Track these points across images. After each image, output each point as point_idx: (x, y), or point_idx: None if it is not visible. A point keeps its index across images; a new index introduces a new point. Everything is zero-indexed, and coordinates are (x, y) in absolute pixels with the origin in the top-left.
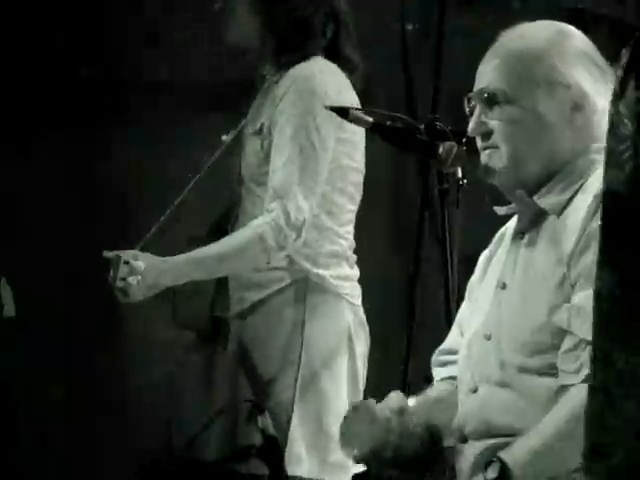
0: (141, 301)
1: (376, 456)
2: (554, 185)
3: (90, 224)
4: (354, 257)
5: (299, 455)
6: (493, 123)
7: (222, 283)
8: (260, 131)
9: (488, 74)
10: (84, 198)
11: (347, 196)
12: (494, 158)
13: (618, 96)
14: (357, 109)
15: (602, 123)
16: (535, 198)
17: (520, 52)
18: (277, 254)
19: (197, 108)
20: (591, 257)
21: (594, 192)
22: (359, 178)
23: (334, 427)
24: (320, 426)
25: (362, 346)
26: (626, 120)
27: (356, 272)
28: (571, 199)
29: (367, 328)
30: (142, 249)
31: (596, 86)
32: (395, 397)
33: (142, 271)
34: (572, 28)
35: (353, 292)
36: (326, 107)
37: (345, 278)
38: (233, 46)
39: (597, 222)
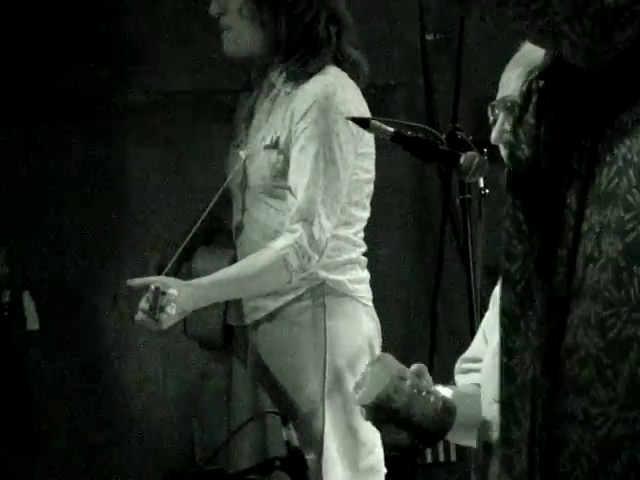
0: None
1: (381, 404)
2: None
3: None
4: (365, 260)
5: (333, 461)
6: None
7: None
8: (276, 145)
9: (511, 82)
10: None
11: (361, 206)
12: None
13: None
14: (378, 119)
15: None
16: None
17: None
18: (299, 275)
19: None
20: None
21: None
22: (371, 188)
23: (363, 431)
24: (350, 431)
25: (378, 345)
26: None
27: (368, 275)
28: None
29: (380, 328)
30: (169, 272)
31: None
32: (418, 364)
33: (175, 298)
34: None
35: (367, 294)
36: (347, 118)
37: (360, 281)
38: (234, 59)
39: None
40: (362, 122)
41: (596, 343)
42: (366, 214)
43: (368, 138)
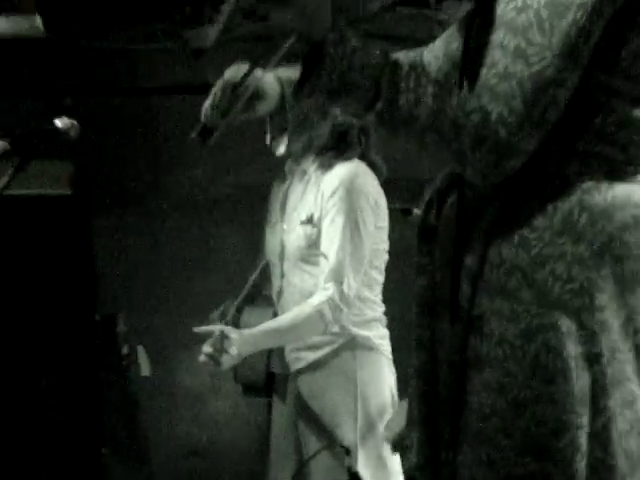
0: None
1: (402, 440)
2: None
3: None
4: (385, 319)
5: None
6: None
7: None
8: (310, 220)
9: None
10: None
11: (379, 271)
12: None
13: None
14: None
15: None
16: None
17: None
18: (333, 326)
19: None
20: None
21: None
22: (387, 256)
23: (390, 462)
24: (380, 461)
25: (396, 393)
26: None
27: (387, 331)
28: None
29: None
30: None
31: None
32: None
33: (235, 342)
34: None
35: (389, 348)
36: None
37: (383, 337)
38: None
39: None
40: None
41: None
42: (382, 278)
43: (384, 214)
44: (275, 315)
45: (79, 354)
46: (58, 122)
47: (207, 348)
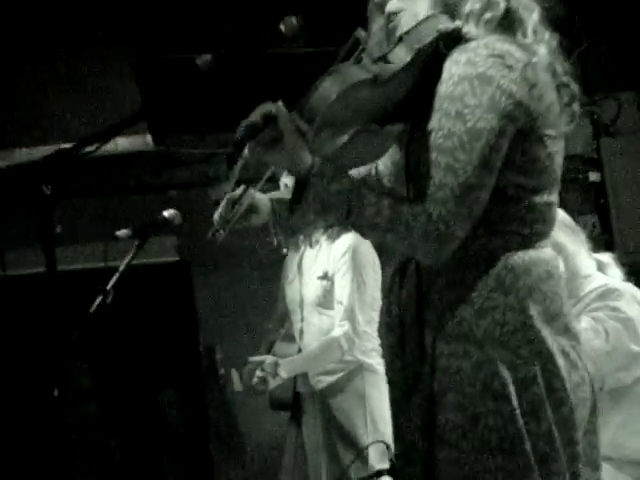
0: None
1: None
2: None
3: None
4: (380, 349)
5: None
6: None
7: None
8: (325, 276)
9: None
10: None
11: (376, 313)
12: None
13: None
14: None
15: None
16: None
17: None
18: (348, 354)
19: None
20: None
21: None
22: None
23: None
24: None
25: None
26: None
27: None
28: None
29: None
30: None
31: None
32: None
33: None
34: None
35: (382, 369)
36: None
37: (380, 363)
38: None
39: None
40: None
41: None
42: (377, 318)
43: (379, 270)
44: (299, 349)
45: (189, 376)
46: (165, 213)
47: (260, 373)
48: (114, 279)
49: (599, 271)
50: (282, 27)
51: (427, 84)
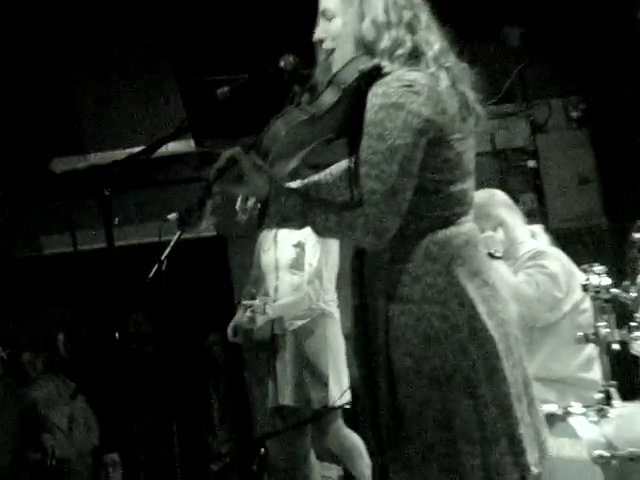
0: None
1: None
2: None
3: None
4: (337, 301)
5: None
6: None
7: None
8: (299, 244)
9: None
10: None
11: (335, 272)
12: None
13: None
14: None
15: None
16: None
17: None
18: (314, 303)
19: None
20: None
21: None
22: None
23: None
24: (341, 383)
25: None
26: None
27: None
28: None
29: None
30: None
31: None
32: None
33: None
34: None
35: (338, 316)
36: None
37: (337, 312)
38: None
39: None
40: None
41: None
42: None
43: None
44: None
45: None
46: None
47: (249, 313)
48: (167, 251)
49: (532, 238)
50: (282, 63)
51: (357, 113)
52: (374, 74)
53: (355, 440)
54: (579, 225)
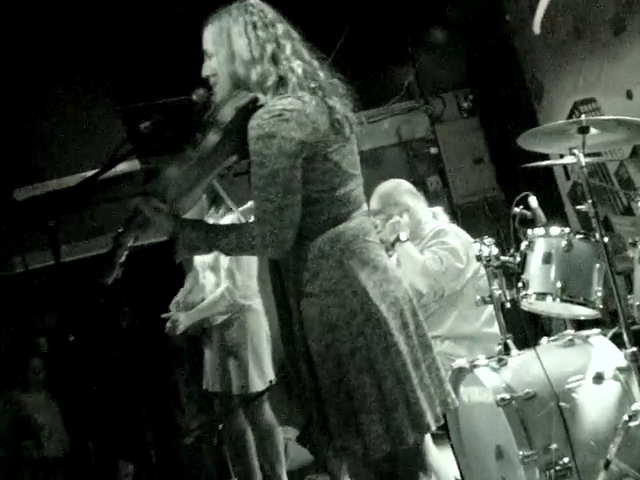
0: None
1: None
2: None
3: None
4: (258, 293)
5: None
6: None
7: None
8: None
9: None
10: None
11: (252, 269)
12: None
13: None
14: None
15: None
16: None
17: None
18: (231, 300)
19: None
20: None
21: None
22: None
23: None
24: (263, 373)
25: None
26: None
27: (260, 300)
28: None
29: None
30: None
31: None
32: None
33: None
34: None
35: (261, 308)
36: None
37: (259, 304)
38: None
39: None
40: None
41: None
42: (256, 274)
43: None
44: (202, 298)
45: None
46: None
47: (169, 324)
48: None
49: (434, 218)
50: (194, 96)
51: (242, 144)
52: (250, 107)
53: (272, 428)
54: (478, 199)
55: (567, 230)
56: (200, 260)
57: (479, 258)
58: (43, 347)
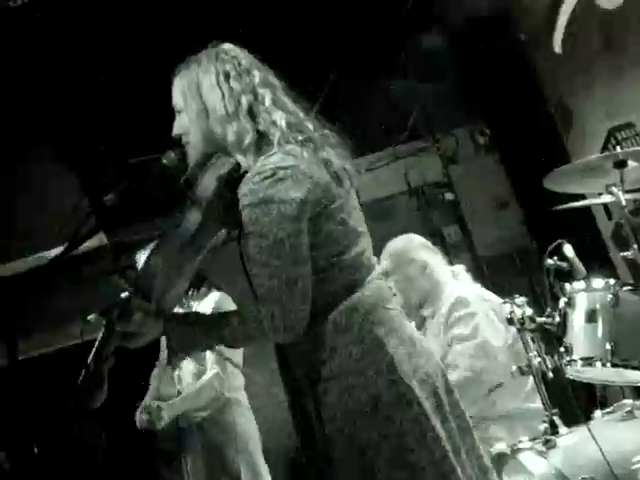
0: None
1: None
2: None
3: None
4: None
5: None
6: None
7: None
8: None
9: None
10: None
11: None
12: None
13: None
14: None
15: None
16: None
17: None
18: (219, 392)
19: None
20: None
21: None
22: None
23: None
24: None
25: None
26: None
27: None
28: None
29: None
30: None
31: None
32: None
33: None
34: None
35: (247, 402)
36: None
37: (244, 397)
38: None
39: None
40: None
41: None
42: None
43: None
44: (178, 392)
45: None
46: (122, 295)
47: (145, 416)
48: (92, 355)
49: (454, 278)
50: (164, 160)
51: (233, 217)
52: (235, 175)
53: None
54: (506, 250)
55: (612, 281)
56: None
57: (511, 321)
58: (3, 463)
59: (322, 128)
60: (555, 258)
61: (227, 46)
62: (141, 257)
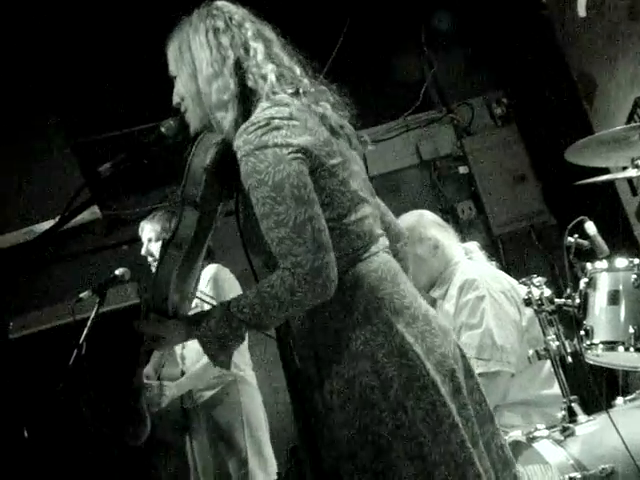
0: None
1: None
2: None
3: None
4: (252, 364)
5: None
6: None
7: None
8: (196, 307)
9: None
10: None
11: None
12: None
13: None
14: None
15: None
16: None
17: None
18: (222, 372)
19: None
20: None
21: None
22: None
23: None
24: (262, 457)
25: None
26: None
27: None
28: (446, 291)
29: None
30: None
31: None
32: None
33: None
34: None
35: (255, 382)
36: None
37: (252, 376)
38: None
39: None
40: None
41: None
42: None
43: None
44: (182, 371)
45: None
46: (117, 272)
47: (149, 394)
48: (84, 334)
49: (467, 256)
50: (162, 129)
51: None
52: (228, 151)
53: None
54: (523, 227)
55: (636, 261)
56: None
57: (528, 302)
58: None
59: (320, 85)
60: (576, 236)
61: (220, 3)
62: (145, 226)
